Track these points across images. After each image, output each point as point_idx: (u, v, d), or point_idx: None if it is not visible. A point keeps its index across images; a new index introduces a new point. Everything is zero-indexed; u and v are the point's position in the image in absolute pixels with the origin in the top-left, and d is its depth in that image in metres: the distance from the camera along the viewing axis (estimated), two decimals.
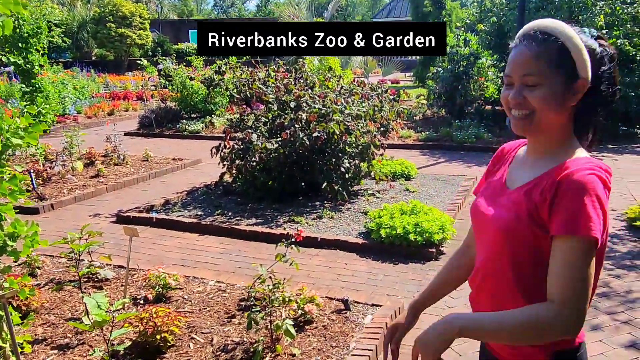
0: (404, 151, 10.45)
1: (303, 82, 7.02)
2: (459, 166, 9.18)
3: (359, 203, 6.66)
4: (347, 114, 6.62)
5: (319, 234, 5.65)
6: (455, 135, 10.74)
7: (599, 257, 1.33)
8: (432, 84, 13.39)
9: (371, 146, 6.65)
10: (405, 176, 7.90)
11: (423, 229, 5.15)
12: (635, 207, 6.14)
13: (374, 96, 7.12)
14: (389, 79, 26.29)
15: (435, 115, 13.46)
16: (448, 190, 7.34)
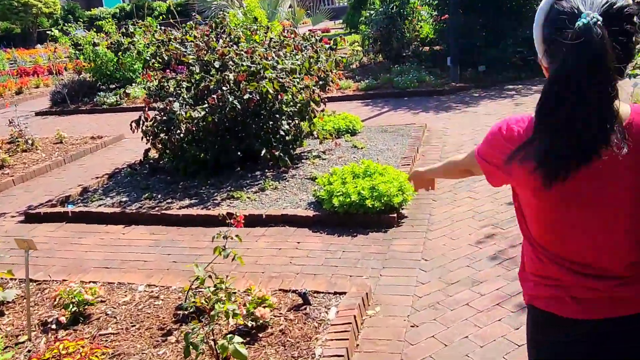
0: (345, 103, 9.76)
1: (226, 38, 6.15)
2: (405, 114, 8.61)
3: (304, 168, 5.98)
4: (281, 69, 5.84)
5: (263, 209, 4.96)
6: (396, 81, 10.13)
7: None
8: (366, 29, 12.65)
9: (310, 103, 5.93)
10: (350, 131, 7.25)
11: (380, 192, 4.55)
12: None
13: (308, 47, 6.35)
14: (319, 29, 25.33)
15: (372, 61, 12.78)
16: (398, 142, 6.76)
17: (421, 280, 3.67)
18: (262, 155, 5.68)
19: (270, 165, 5.94)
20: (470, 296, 3.42)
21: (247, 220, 4.78)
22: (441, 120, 7.95)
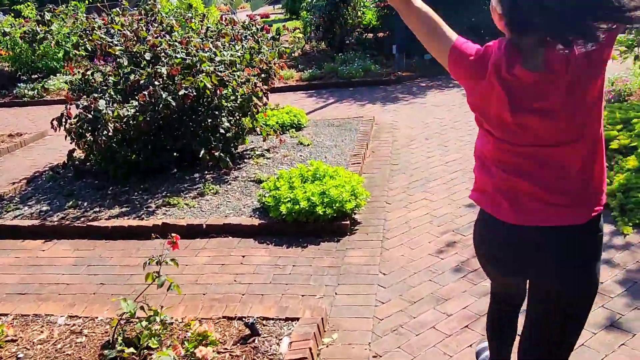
0: (288, 95, 9.33)
1: (158, 27, 5.58)
2: (351, 105, 8.27)
3: (247, 168, 5.53)
4: (219, 61, 5.34)
5: (203, 218, 4.50)
6: (341, 70, 9.77)
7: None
8: (307, 15, 12.20)
9: (253, 97, 5.47)
10: (295, 126, 6.84)
11: (332, 198, 4.18)
12: None
13: (248, 37, 5.86)
14: (257, 14, 24.62)
15: (314, 49, 12.36)
16: (346, 137, 6.41)
17: (381, 298, 3.33)
18: (200, 156, 5.18)
19: (210, 166, 5.46)
20: (435, 317, 3.11)
21: (185, 231, 4.34)
22: (389, 112, 7.66)
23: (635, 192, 4.01)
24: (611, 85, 7.12)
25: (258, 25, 5.99)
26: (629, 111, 5.01)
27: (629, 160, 4.24)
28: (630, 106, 5.20)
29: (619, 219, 3.95)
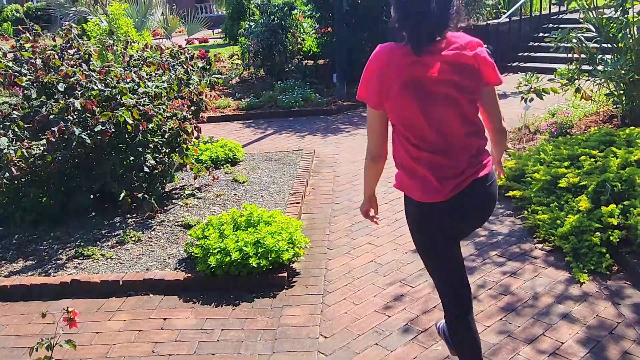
0: (224, 125, 8.87)
1: (74, 54, 5.04)
2: (290, 137, 7.89)
3: (175, 210, 5.02)
4: (143, 93, 4.86)
5: (121, 272, 3.96)
6: (280, 99, 9.40)
7: (392, 107, 2.06)
8: (246, 41, 11.81)
9: (181, 132, 4.99)
10: (230, 161, 6.39)
11: (267, 248, 3.75)
12: None
13: (177, 66, 5.39)
14: (195, 38, 24.07)
15: (253, 76, 11.97)
16: (285, 172, 6.01)
17: None
18: (120, 199, 4.65)
19: (134, 207, 4.92)
20: None
21: (99, 289, 3.79)
22: (330, 145, 7.33)
23: (589, 235, 3.79)
24: (552, 117, 7.07)
25: (188, 53, 5.53)
26: (575, 147, 4.85)
27: (580, 200, 4.04)
28: (576, 141, 5.07)
29: (573, 264, 3.70)
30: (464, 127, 2.06)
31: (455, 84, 1.99)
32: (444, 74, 1.97)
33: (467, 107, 2.05)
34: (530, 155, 5.30)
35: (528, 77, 5.94)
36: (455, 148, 2.07)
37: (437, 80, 1.97)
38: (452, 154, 2.07)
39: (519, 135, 6.74)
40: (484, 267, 3.84)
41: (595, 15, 6.15)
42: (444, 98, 1.99)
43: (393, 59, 2.01)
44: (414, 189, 2.16)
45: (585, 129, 6.23)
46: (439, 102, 1.99)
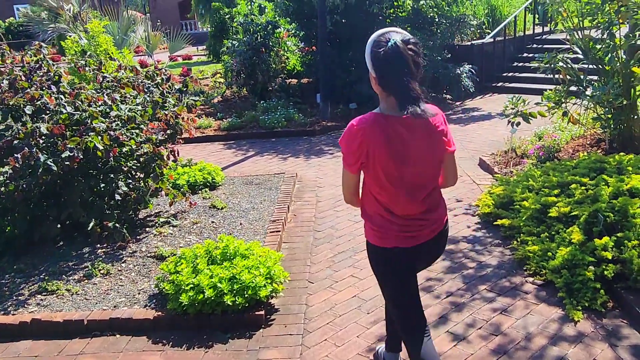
0: (204, 146, 8.64)
1: (43, 76, 4.80)
2: (272, 159, 7.68)
3: (148, 240, 4.76)
4: (115, 116, 4.63)
5: (86, 309, 3.69)
6: (262, 119, 9.21)
7: (372, 173, 2.24)
8: (229, 59, 11.64)
9: (156, 157, 4.76)
10: (209, 185, 6.15)
11: (243, 283, 3.51)
12: (485, 197, 5.22)
13: (152, 87, 5.17)
14: (179, 55, 23.89)
15: (236, 95, 11.77)
16: (266, 197, 5.79)
17: None
18: (89, 228, 4.39)
19: (104, 237, 4.66)
20: None
21: (61, 330, 3.52)
22: (313, 167, 7.13)
23: (582, 270, 3.61)
24: (538, 140, 6.95)
25: (164, 74, 5.31)
26: (565, 173, 4.70)
27: (572, 232, 3.86)
28: (565, 167, 4.92)
29: (567, 301, 3.52)
30: (428, 188, 2.32)
31: (430, 149, 2.23)
32: (422, 139, 2.19)
33: (435, 170, 2.32)
34: (518, 181, 5.14)
35: (515, 100, 5.81)
36: (420, 206, 2.31)
37: (417, 144, 2.18)
38: (416, 212, 2.32)
39: (506, 158, 6.60)
40: (473, 304, 3.64)
41: (581, 37, 6.06)
42: (420, 160, 2.22)
43: (376, 124, 2.17)
44: (377, 237, 2.37)
45: (573, 153, 6.10)
46: (415, 165, 2.21)
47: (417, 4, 10.09)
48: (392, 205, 2.28)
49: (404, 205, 2.27)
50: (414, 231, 2.32)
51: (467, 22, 11.93)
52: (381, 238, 2.34)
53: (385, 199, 2.28)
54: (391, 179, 2.20)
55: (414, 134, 2.16)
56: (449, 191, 5.88)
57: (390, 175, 2.19)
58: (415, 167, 2.20)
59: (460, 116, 10.02)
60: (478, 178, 6.30)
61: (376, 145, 2.14)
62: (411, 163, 2.18)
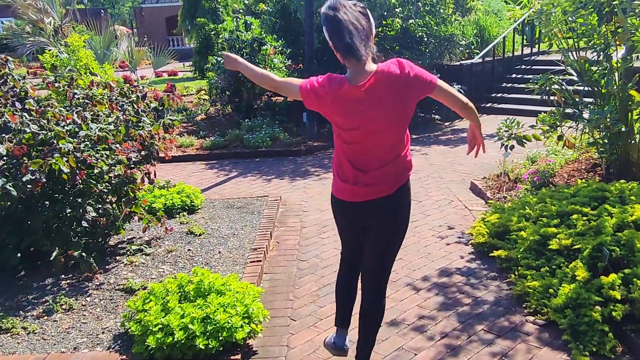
0: (185, 166, 8.30)
1: (8, 91, 4.46)
2: (255, 180, 7.36)
3: (117, 270, 4.40)
4: (85, 136, 4.29)
5: (42, 353, 3.31)
6: (246, 139, 8.90)
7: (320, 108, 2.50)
8: (214, 75, 11.35)
9: (129, 180, 4.43)
10: (188, 208, 5.81)
11: (218, 324, 3.18)
12: (478, 224, 4.94)
13: (126, 105, 4.84)
14: (165, 71, 23.59)
15: (220, 113, 11.46)
16: (247, 222, 5.46)
17: None
18: (52, 258, 4.03)
19: (70, 266, 4.30)
20: None
21: None
22: (298, 190, 6.82)
23: (588, 310, 3.32)
24: (532, 164, 6.72)
25: (140, 92, 4.99)
26: (563, 202, 4.44)
27: (576, 268, 3.58)
28: (562, 194, 4.66)
29: (572, 345, 3.22)
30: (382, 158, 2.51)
31: (394, 110, 2.41)
32: (383, 101, 2.39)
33: (397, 136, 2.50)
34: (513, 208, 4.87)
35: (508, 123, 5.57)
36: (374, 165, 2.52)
37: (373, 108, 2.39)
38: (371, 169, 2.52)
39: (498, 183, 6.35)
40: (470, 347, 3.33)
41: (576, 59, 5.85)
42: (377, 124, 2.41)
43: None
44: (335, 188, 2.67)
45: (568, 179, 5.86)
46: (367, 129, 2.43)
47: (405, 23, 9.91)
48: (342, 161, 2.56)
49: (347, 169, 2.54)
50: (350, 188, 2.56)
51: (456, 42, 11.80)
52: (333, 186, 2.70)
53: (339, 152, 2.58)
54: (343, 137, 2.49)
55: (370, 98, 2.36)
56: (440, 217, 5.61)
57: (342, 134, 2.48)
58: (366, 131, 2.42)
59: (449, 137, 9.80)
60: (470, 203, 6.03)
61: (332, 108, 2.45)
62: (363, 127, 2.41)
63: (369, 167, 2.47)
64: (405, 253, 4.73)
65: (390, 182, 2.50)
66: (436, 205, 6.03)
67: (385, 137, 2.43)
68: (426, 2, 10.15)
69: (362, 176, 2.47)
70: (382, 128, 2.39)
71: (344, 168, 2.53)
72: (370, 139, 2.41)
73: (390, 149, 2.48)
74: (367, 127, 2.38)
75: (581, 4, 5.33)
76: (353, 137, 2.44)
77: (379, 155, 2.46)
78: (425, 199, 6.29)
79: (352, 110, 2.37)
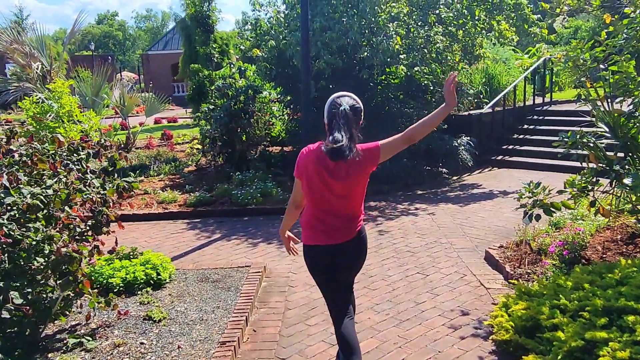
0: (164, 225, 7.45)
1: None
2: (240, 245, 6.49)
3: None
4: (11, 203, 3.46)
5: None
6: (235, 194, 8.07)
7: (307, 184, 3.02)
8: (205, 124, 10.64)
9: (71, 259, 3.57)
10: (153, 283, 4.92)
11: None
12: (500, 313, 4.01)
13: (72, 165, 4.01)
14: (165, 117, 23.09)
15: (212, 164, 10.67)
16: (221, 302, 4.57)
17: None
18: None
19: None
20: None
21: None
22: (287, 257, 5.93)
23: None
24: (555, 229, 5.83)
25: (92, 147, 4.18)
26: (609, 292, 3.53)
27: None
28: (605, 281, 3.75)
29: None
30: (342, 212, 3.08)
31: (349, 180, 3.00)
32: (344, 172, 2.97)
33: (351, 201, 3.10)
34: (542, 293, 3.96)
35: (532, 188, 4.71)
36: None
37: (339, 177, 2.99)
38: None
39: (518, 253, 5.44)
40: None
41: (607, 111, 5.05)
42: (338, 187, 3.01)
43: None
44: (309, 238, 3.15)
45: (603, 252, 4.96)
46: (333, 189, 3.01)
47: (410, 71, 9.20)
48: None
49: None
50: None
51: (464, 91, 11.11)
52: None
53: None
54: (315, 194, 3.04)
55: (338, 166, 2.94)
56: (452, 298, 4.70)
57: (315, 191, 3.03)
58: (333, 190, 2.99)
59: (458, 194, 8.94)
60: (486, 279, 5.12)
61: (308, 167, 3.00)
62: (332, 186, 2.97)
63: (335, 221, 3.06)
64: (410, 349, 3.81)
65: (350, 230, 3.09)
66: (446, 281, 5.12)
67: (348, 203, 3.06)
68: (432, 49, 9.47)
69: (328, 226, 3.06)
70: (346, 195, 3.03)
71: (315, 221, 3.09)
72: (337, 203, 3.04)
73: (350, 214, 3.10)
74: (335, 193, 3.00)
75: (615, 49, 4.56)
76: (323, 200, 3.03)
77: (342, 214, 3.07)
78: (434, 271, 5.39)
79: (325, 177, 2.96)
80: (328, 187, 2.95)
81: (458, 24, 9.75)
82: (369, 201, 8.26)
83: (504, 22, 10.13)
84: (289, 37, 9.23)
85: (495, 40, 10.74)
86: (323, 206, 3.01)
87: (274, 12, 10.51)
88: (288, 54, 9.23)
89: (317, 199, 3.00)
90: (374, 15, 8.92)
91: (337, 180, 2.94)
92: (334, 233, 3.03)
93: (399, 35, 8.78)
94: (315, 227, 3.06)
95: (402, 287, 5.01)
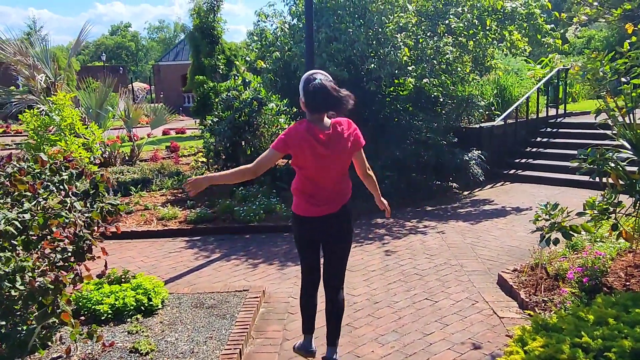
0: (163, 243, 7.17)
1: None
2: (239, 265, 6.19)
3: None
4: None
5: None
6: (237, 211, 7.78)
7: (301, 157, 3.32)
8: (209, 137, 10.40)
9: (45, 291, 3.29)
10: (144, 309, 4.64)
11: None
12: (515, 348, 3.65)
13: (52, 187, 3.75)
14: (173, 128, 22.96)
15: None
16: (215, 332, 4.27)
17: None
18: None
19: None
20: None
21: None
22: (288, 279, 5.63)
23: None
24: (573, 252, 5.48)
25: (77, 167, 3.91)
26: (637, 329, 3.18)
27: None
28: (632, 316, 3.40)
29: None
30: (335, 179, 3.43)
31: (340, 152, 3.36)
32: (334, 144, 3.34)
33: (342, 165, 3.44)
34: (562, 329, 3.62)
35: (549, 209, 4.38)
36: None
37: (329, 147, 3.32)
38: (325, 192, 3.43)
39: (534, 278, 5.10)
40: None
41: (629, 124, 4.72)
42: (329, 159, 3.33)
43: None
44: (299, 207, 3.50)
45: (627, 279, 4.61)
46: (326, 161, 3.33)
47: (419, 82, 8.91)
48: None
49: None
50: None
51: (475, 103, 10.77)
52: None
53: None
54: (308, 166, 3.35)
55: (329, 139, 3.31)
56: (462, 328, 4.37)
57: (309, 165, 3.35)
58: (325, 162, 3.32)
59: (469, 210, 8.59)
60: (500, 307, 4.78)
61: (302, 143, 3.29)
62: (323, 159, 3.30)
63: (322, 193, 3.38)
64: None
65: (337, 203, 3.44)
66: (456, 309, 4.79)
67: (334, 172, 3.37)
68: (442, 60, 9.17)
69: (317, 199, 3.38)
70: (332, 166, 3.34)
71: (304, 193, 3.42)
72: (323, 173, 3.34)
73: (335, 182, 3.41)
74: (323, 164, 3.30)
75: (638, 60, 4.24)
76: (312, 172, 3.33)
77: (328, 185, 3.39)
78: (443, 297, 5.06)
79: (314, 150, 3.24)
80: (320, 158, 3.26)
81: (468, 34, 9.45)
82: (376, 218, 7.95)
83: (516, 32, 9.81)
84: (294, 49, 8.98)
85: (507, 50, 10.43)
86: (314, 177, 3.34)
87: (279, 22, 10.28)
88: (293, 66, 8.98)
89: (310, 170, 3.31)
90: (381, 26, 8.65)
91: (328, 149, 3.26)
92: (323, 205, 3.37)
93: (407, 46, 8.49)
94: (307, 199, 3.40)
95: (409, 316, 4.68)
